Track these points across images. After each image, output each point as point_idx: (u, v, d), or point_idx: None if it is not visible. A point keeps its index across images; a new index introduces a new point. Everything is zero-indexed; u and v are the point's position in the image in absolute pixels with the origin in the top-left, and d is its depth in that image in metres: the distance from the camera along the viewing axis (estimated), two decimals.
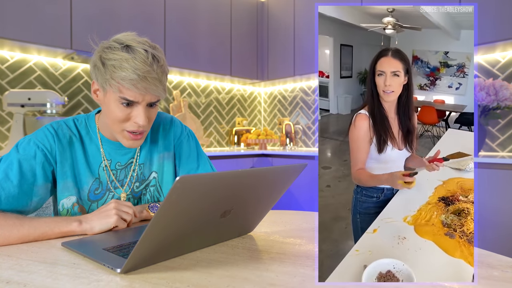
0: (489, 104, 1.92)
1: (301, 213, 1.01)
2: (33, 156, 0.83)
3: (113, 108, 0.82)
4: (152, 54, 0.79)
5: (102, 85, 0.81)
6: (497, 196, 1.74)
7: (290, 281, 0.53)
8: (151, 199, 0.99)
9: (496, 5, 2.00)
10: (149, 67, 0.77)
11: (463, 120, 3.01)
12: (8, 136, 2.14)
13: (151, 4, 2.52)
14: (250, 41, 3.22)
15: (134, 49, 0.78)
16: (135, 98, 0.80)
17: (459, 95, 3.20)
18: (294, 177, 0.73)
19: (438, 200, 1.10)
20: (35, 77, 2.28)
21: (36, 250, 0.67)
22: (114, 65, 0.77)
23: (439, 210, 1.04)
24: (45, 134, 0.86)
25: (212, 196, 0.57)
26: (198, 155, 1.04)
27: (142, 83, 0.77)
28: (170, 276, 0.55)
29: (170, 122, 1.04)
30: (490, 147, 2.30)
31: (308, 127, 3.32)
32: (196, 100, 3.20)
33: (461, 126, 3.04)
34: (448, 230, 0.92)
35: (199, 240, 0.67)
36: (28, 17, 1.98)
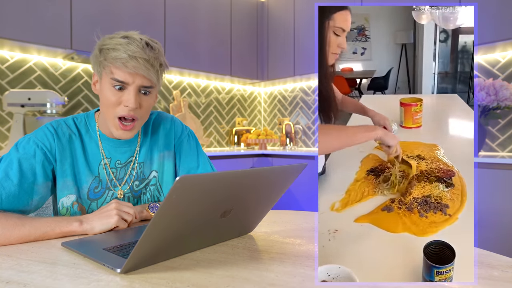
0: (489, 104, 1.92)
1: (301, 213, 1.01)
2: (32, 155, 0.83)
3: (106, 92, 0.84)
4: (146, 41, 0.82)
5: (98, 71, 0.84)
6: (497, 196, 1.74)
7: (290, 281, 0.53)
8: (151, 198, 0.99)
9: (496, 5, 2.00)
10: (141, 50, 0.80)
11: (375, 85, 2.90)
12: (8, 136, 2.14)
13: (151, 4, 2.52)
14: (250, 41, 3.22)
15: (131, 37, 0.82)
16: (125, 79, 0.81)
17: (365, 60, 3.09)
18: (294, 177, 0.73)
19: (367, 173, 0.99)
20: (35, 77, 2.28)
21: (36, 250, 0.67)
22: (109, 48, 0.81)
23: (370, 185, 0.94)
24: (44, 133, 0.87)
25: (212, 196, 0.57)
26: (198, 154, 1.04)
27: (131, 62, 0.79)
28: (170, 276, 0.55)
29: (170, 122, 1.04)
30: (490, 147, 2.30)
31: (308, 127, 3.32)
32: (196, 100, 3.20)
33: (374, 92, 2.93)
34: (385, 204, 0.83)
35: (199, 240, 0.67)
36: (28, 17, 1.98)
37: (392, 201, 0.86)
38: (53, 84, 2.36)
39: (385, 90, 2.88)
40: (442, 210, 0.82)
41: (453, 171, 0.97)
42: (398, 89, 3.07)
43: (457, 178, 0.95)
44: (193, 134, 1.08)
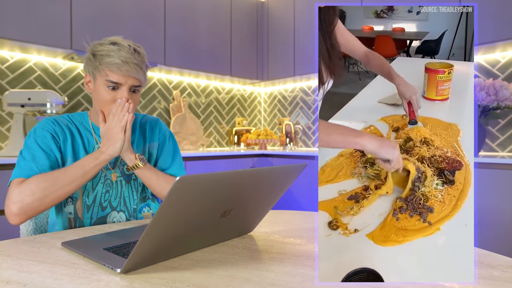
0: (489, 104, 1.91)
1: (301, 213, 1.01)
2: (44, 136, 0.95)
3: (101, 92, 0.95)
4: (133, 48, 0.95)
5: (93, 73, 0.96)
6: (497, 196, 1.74)
7: (290, 281, 0.53)
8: (143, 183, 1.07)
9: (496, 5, 2.00)
10: (131, 55, 0.93)
11: (425, 48, 2.55)
12: (8, 136, 2.14)
13: (151, 4, 2.52)
14: (250, 41, 3.22)
15: (120, 43, 0.94)
16: (119, 80, 0.94)
17: (421, 20, 2.75)
18: (294, 177, 0.73)
19: (355, 149, 0.85)
20: (35, 77, 2.28)
21: (36, 250, 0.67)
22: (102, 54, 0.93)
23: (351, 164, 0.80)
24: (47, 121, 0.99)
25: (212, 196, 0.57)
26: (174, 157, 1.13)
27: (125, 66, 0.92)
28: (170, 276, 0.55)
29: (156, 120, 1.17)
30: (490, 147, 2.30)
31: (308, 127, 3.32)
32: (196, 100, 3.20)
33: (423, 56, 2.62)
34: (354, 192, 0.67)
35: (199, 240, 0.67)
36: (28, 17, 1.98)
37: (365, 189, 0.73)
38: (53, 84, 2.36)
39: (436, 55, 2.46)
40: (421, 215, 0.65)
41: (462, 163, 0.79)
42: (452, 56, 2.60)
43: (462, 174, 0.77)
44: (174, 137, 1.19)
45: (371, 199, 0.74)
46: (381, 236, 0.64)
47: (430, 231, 0.63)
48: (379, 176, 0.79)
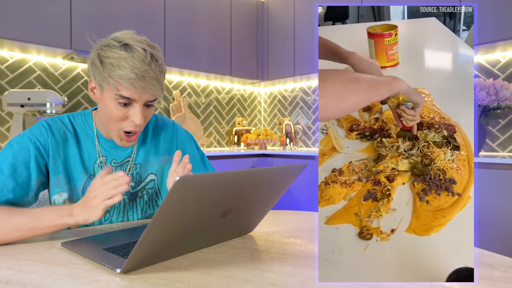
0: (489, 104, 1.91)
1: (301, 213, 1.01)
2: (26, 149, 0.82)
3: (110, 106, 0.81)
4: (150, 53, 0.78)
5: (100, 83, 0.81)
6: (497, 196, 1.74)
7: (290, 281, 0.53)
8: (149, 201, 0.98)
9: (496, 5, 2.00)
10: (147, 67, 0.77)
11: (333, 15, 2.12)
12: (8, 136, 2.14)
13: (151, 4, 2.52)
14: (250, 41, 3.22)
15: (133, 47, 0.77)
16: (133, 97, 0.79)
17: None
18: (294, 177, 0.73)
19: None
20: (34, 77, 2.28)
21: (35, 250, 0.67)
22: (112, 63, 0.76)
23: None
24: (39, 129, 0.86)
25: (212, 196, 0.57)
26: (204, 162, 1.05)
27: (140, 82, 0.77)
28: (170, 276, 0.55)
29: (172, 127, 1.05)
30: (490, 147, 2.30)
31: (308, 127, 3.32)
32: (196, 100, 3.20)
33: (333, 23, 2.16)
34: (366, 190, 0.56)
35: (199, 240, 0.67)
36: (28, 17, 1.97)
37: (376, 183, 0.61)
38: (53, 84, 2.36)
39: (346, 20, 2.23)
40: (447, 189, 0.58)
41: (453, 125, 0.72)
42: (361, 17, 2.40)
43: (460, 136, 0.70)
44: (193, 139, 1.09)
45: (392, 193, 0.65)
46: (422, 226, 0.57)
47: (463, 202, 0.58)
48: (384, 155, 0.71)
